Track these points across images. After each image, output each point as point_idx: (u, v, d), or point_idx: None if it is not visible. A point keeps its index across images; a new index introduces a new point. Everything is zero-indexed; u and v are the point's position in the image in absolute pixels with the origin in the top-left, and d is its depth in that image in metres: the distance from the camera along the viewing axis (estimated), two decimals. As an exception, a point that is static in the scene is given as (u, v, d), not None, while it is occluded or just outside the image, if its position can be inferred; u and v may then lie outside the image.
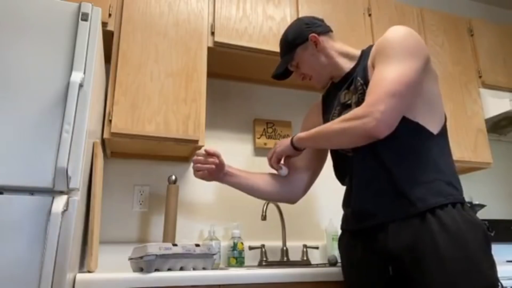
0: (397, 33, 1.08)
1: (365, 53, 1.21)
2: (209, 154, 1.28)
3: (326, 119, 1.31)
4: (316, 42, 1.26)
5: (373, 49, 1.15)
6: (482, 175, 2.51)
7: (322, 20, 1.35)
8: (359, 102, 1.12)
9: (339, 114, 1.21)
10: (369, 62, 1.14)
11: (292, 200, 1.38)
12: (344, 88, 1.22)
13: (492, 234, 2.32)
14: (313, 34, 1.26)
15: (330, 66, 1.27)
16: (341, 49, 1.28)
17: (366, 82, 1.12)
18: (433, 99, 1.10)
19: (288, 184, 1.34)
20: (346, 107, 1.19)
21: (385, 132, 0.99)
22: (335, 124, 1.08)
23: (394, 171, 1.05)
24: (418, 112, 1.06)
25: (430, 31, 2.27)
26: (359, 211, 1.15)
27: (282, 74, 1.36)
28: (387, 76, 1.01)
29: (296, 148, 1.25)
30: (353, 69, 1.23)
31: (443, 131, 1.11)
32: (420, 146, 1.05)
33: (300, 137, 1.22)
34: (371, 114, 0.99)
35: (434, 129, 1.08)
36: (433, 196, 1.00)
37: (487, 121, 2.24)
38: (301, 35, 1.28)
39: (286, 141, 1.26)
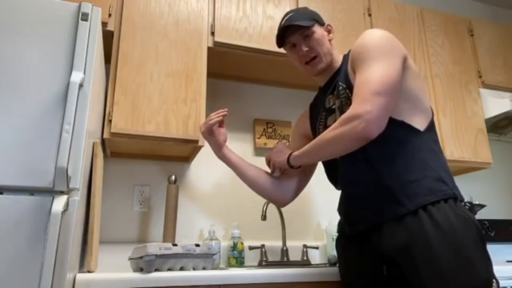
0: (371, 36, 1.10)
1: (345, 58, 1.23)
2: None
3: (313, 125, 1.31)
4: (330, 31, 1.30)
5: (350, 54, 1.15)
6: (482, 175, 2.51)
7: None
8: (343, 107, 1.12)
9: (325, 119, 1.22)
10: (349, 67, 1.15)
11: (280, 202, 1.37)
12: (329, 93, 1.23)
13: (492, 234, 2.32)
14: (329, 24, 1.30)
15: (330, 56, 1.27)
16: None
17: (348, 86, 1.13)
18: (416, 96, 1.09)
19: (279, 185, 1.34)
20: (331, 112, 1.20)
21: (376, 132, 0.99)
22: (326, 134, 1.07)
23: (382, 172, 1.05)
24: (402, 110, 1.06)
25: (430, 31, 2.27)
26: (351, 215, 1.16)
27: (295, 30, 1.24)
28: (369, 78, 1.01)
29: (291, 166, 1.24)
30: (336, 73, 1.24)
31: (431, 126, 1.10)
32: (407, 144, 1.05)
33: (295, 156, 1.21)
34: (359, 116, 0.98)
35: (421, 126, 1.08)
36: (422, 194, 1.00)
37: (487, 121, 2.24)
38: (320, 18, 1.31)
39: (284, 156, 1.25)
